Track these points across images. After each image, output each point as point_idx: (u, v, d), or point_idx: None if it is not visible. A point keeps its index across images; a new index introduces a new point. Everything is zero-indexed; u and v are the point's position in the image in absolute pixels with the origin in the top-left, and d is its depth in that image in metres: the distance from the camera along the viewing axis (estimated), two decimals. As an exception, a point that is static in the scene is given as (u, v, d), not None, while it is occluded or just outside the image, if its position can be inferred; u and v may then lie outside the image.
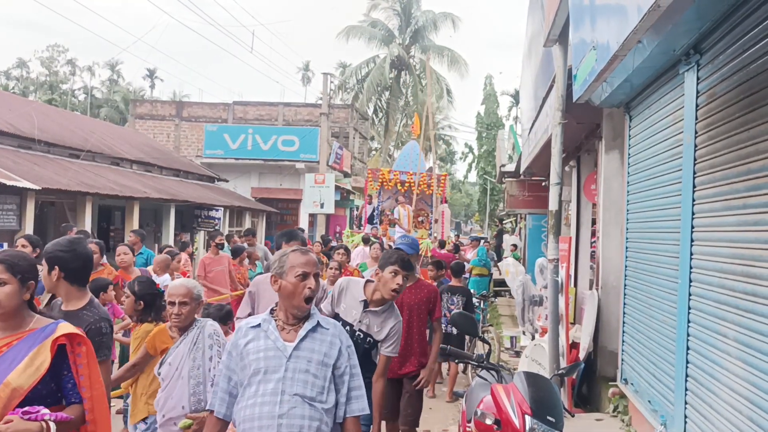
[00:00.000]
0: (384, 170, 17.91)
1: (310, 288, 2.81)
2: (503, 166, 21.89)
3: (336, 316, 4.04)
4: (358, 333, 3.99)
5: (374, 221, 17.01)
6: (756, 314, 3.39)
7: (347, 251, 8.64)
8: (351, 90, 41.17)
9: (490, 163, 44.31)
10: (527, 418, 3.49)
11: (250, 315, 4.71)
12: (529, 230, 21.54)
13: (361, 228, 17.62)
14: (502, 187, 25.62)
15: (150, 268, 8.05)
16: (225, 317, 5.59)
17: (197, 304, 3.98)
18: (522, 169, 14.12)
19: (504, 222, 38.81)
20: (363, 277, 8.22)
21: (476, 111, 58.45)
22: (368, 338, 4.01)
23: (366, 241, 12.84)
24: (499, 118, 48.44)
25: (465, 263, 12.53)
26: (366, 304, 4.02)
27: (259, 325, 2.85)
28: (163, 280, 7.37)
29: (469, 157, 54.45)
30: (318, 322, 2.86)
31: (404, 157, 18.48)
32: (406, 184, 16.85)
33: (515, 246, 21.30)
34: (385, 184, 17.14)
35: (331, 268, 7.23)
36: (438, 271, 8.60)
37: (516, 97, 49.68)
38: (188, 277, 9.35)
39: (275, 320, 2.87)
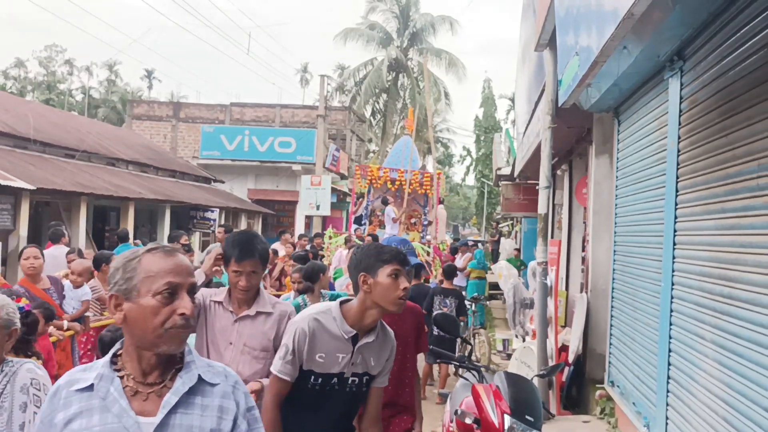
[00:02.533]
0: (373, 167, 16.57)
1: (183, 314, 1.64)
2: (499, 169, 21.99)
3: (307, 374, 2.77)
4: (351, 380, 2.81)
5: (362, 221, 15.80)
6: (731, 316, 3.45)
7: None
8: (349, 92, 41.24)
9: (487, 167, 44.41)
10: (506, 417, 3.54)
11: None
12: (525, 233, 21.61)
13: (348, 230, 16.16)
14: (500, 190, 25.70)
15: (63, 275, 6.54)
16: None
17: (7, 333, 2.51)
18: (516, 173, 14.20)
19: (500, 225, 38.91)
20: (333, 285, 7.60)
21: (474, 114, 58.59)
22: (365, 377, 2.85)
23: (348, 242, 11.69)
24: (497, 122, 48.55)
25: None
26: (356, 337, 2.76)
27: (91, 387, 1.63)
28: (81, 293, 6.20)
29: (467, 160, 54.61)
30: (199, 375, 1.70)
31: (396, 153, 16.81)
32: (397, 183, 15.53)
33: (518, 250, 20.66)
34: (374, 182, 15.79)
35: (295, 273, 5.88)
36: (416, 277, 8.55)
37: (514, 100, 49.78)
38: None
39: (120, 376, 1.67)
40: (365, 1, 41.28)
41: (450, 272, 8.70)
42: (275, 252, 11.51)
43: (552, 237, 10.95)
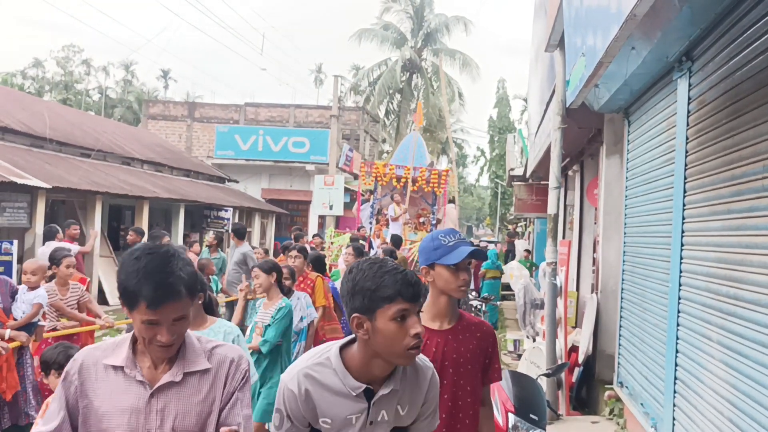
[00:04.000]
0: (379, 164, 15.82)
1: None
2: (512, 170, 21.96)
3: None
4: None
5: (369, 220, 15.16)
6: (737, 317, 3.45)
7: (303, 253, 6.74)
8: (363, 92, 41.31)
9: (501, 167, 44.32)
10: (510, 415, 3.56)
11: None
12: (537, 234, 21.54)
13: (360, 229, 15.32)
14: (513, 191, 25.61)
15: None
16: None
17: None
18: (528, 173, 14.19)
19: (516, 226, 38.80)
20: (329, 285, 6.78)
21: (488, 114, 58.46)
22: None
23: (354, 242, 10.52)
24: (511, 122, 48.46)
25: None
26: (369, 391, 1.98)
27: None
28: (34, 296, 5.40)
29: (481, 160, 54.51)
30: None
31: (404, 149, 15.81)
32: (403, 180, 14.68)
33: (528, 251, 20.48)
34: (379, 179, 14.95)
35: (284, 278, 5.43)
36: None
37: (528, 100, 49.59)
38: (87, 284, 6.92)
39: None
40: (380, 1, 41.37)
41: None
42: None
43: (564, 237, 10.94)
